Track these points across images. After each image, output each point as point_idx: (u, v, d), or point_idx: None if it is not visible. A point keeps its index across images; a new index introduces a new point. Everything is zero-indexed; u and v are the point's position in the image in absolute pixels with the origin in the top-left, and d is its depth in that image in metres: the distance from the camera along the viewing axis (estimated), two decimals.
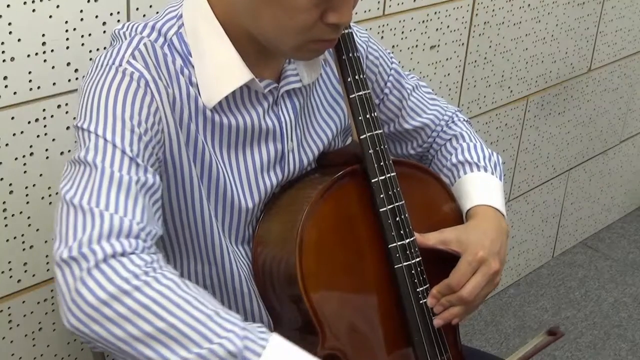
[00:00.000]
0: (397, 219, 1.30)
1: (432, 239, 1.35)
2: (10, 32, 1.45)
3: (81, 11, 1.52)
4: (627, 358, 2.70)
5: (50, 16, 1.49)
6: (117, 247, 1.05)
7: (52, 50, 1.51)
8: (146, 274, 1.04)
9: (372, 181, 1.30)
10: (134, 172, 1.12)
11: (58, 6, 1.49)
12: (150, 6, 1.62)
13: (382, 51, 1.47)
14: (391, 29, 2.11)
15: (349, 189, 1.31)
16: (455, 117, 1.54)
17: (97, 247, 1.04)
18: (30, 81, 1.51)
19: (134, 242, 1.07)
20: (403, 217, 1.31)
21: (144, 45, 1.20)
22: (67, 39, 1.52)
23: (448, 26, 2.27)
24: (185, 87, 1.21)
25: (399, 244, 1.31)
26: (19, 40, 1.46)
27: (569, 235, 3.22)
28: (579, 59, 2.83)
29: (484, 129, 2.56)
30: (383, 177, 1.30)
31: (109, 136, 1.13)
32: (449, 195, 1.43)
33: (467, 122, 1.56)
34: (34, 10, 1.46)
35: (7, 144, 1.51)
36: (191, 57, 1.23)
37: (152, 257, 1.07)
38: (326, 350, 1.24)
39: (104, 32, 1.56)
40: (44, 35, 1.49)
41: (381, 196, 1.30)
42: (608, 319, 2.87)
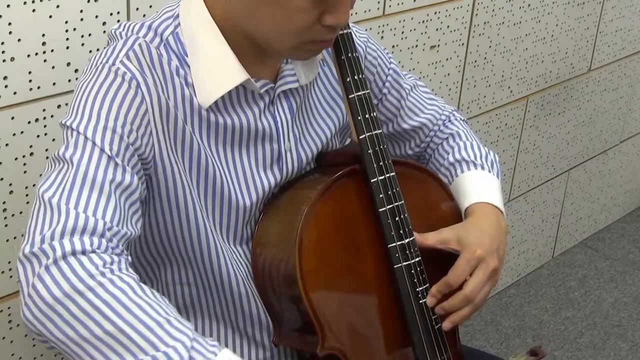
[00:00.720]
0: (397, 218, 1.30)
1: (431, 238, 1.35)
2: (10, 32, 1.45)
3: (81, 11, 1.52)
4: (627, 358, 2.70)
5: (50, 16, 1.49)
6: (77, 245, 1.04)
7: (52, 50, 1.51)
8: (102, 274, 1.03)
9: (372, 181, 1.30)
10: (111, 171, 1.12)
11: (58, 6, 1.49)
12: (150, 6, 1.62)
13: (381, 51, 1.47)
14: (391, 29, 2.11)
15: (348, 189, 1.31)
16: (452, 117, 1.54)
17: (56, 244, 1.04)
18: (30, 81, 1.51)
19: (96, 241, 1.06)
20: (402, 216, 1.31)
21: (138, 46, 1.20)
22: (67, 39, 1.52)
23: (448, 26, 2.27)
24: (180, 87, 1.21)
25: (398, 243, 1.31)
26: (19, 40, 1.46)
27: (569, 235, 3.22)
28: (579, 59, 2.83)
29: (484, 129, 2.56)
30: (382, 177, 1.30)
31: (89, 134, 1.13)
32: (448, 194, 1.43)
33: (463, 121, 1.56)
34: (34, 10, 1.46)
35: (7, 144, 1.51)
36: (187, 57, 1.22)
37: (112, 257, 1.06)
38: (326, 350, 1.24)
39: (104, 32, 1.56)
40: (44, 35, 1.49)
41: (380, 196, 1.30)
42: (608, 319, 2.87)
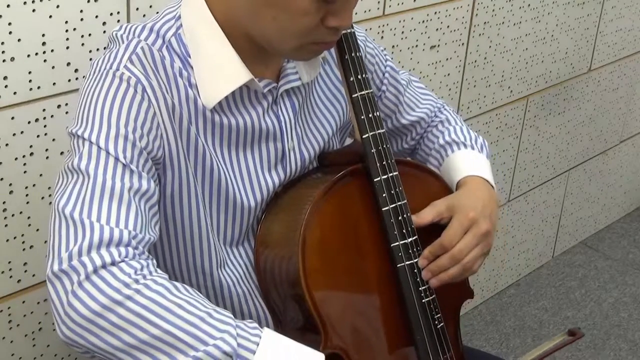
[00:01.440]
0: (400, 218, 1.30)
1: (428, 214, 1.34)
2: (10, 32, 1.44)
3: (81, 11, 1.52)
4: (627, 358, 2.69)
5: (50, 16, 1.48)
6: (107, 257, 1.05)
7: (52, 50, 1.51)
8: (136, 282, 1.04)
9: (375, 180, 1.30)
10: (128, 178, 1.12)
11: (58, 6, 1.48)
12: (150, 6, 1.61)
13: (377, 49, 1.48)
14: (391, 29, 2.11)
15: (351, 188, 1.30)
16: (442, 108, 1.57)
17: (86, 259, 1.05)
18: (30, 81, 1.50)
19: (123, 251, 1.07)
20: (405, 216, 1.31)
21: (141, 49, 1.19)
22: (67, 39, 1.52)
23: (448, 26, 2.27)
24: (184, 89, 1.21)
25: (401, 243, 1.30)
26: (19, 40, 1.46)
27: (568, 235, 3.22)
28: (579, 59, 2.83)
29: (484, 129, 2.56)
30: (385, 177, 1.30)
31: (102, 143, 1.13)
32: (450, 193, 1.42)
33: (453, 111, 1.58)
34: (34, 10, 1.46)
35: (7, 144, 1.51)
36: (190, 58, 1.22)
37: (141, 263, 1.07)
38: (328, 349, 1.24)
39: (104, 32, 1.56)
40: (44, 35, 1.48)
41: (383, 195, 1.30)
42: (608, 319, 2.87)
